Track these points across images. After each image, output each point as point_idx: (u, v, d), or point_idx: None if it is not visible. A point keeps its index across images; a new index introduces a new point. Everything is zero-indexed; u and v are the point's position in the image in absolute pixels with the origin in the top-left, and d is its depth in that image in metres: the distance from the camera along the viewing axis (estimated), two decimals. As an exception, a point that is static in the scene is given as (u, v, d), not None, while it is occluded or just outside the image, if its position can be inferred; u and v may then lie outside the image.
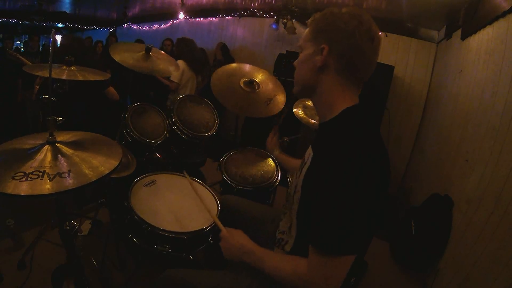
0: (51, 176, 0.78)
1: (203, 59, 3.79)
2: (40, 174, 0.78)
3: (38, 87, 2.28)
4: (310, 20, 0.83)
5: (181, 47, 3.35)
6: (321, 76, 0.79)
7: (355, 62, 0.76)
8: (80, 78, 1.49)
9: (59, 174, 0.80)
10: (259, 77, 1.94)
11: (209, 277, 0.94)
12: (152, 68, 1.84)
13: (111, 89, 2.34)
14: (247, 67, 2.02)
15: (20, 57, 2.40)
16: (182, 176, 1.54)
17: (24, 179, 0.76)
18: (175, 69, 2.00)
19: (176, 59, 3.30)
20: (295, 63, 0.87)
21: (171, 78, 3.20)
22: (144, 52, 1.87)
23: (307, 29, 0.83)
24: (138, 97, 2.83)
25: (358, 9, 0.77)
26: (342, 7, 0.77)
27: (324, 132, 0.83)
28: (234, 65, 2.10)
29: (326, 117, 0.82)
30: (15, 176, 0.76)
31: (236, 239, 0.90)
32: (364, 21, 0.75)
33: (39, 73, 1.57)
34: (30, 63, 2.31)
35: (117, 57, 1.76)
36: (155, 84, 3.42)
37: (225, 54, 4.20)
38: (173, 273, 0.96)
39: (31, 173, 0.78)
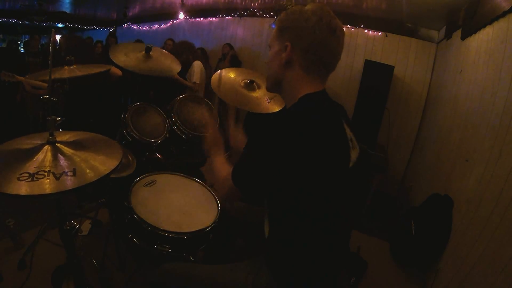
0: (51, 176, 0.78)
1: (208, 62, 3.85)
2: (40, 174, 0.78)
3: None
4: (277, 19, 0.88)
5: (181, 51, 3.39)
6: (287, 71, 0.85)
7: (318, 55, 0.81)
8: (79, 74, 1.50)
9: (59, 174, 0.80)
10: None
11: (206, 269, 0.96)
12: (154, 69, 1.84)
13: (113, 68, 2.33)
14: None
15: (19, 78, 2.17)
16: (182, 176, 1.55)
17: (25, 179, 0.76)
18: (176, 68, 1.99)
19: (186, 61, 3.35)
20: (266, 61, 0.93)
21: (193, 80, 3.24)
22: (144, 52, 1.87)
23: (275, 28, 0.89)
24: (138, 97, 2.86)
25: (320, 4, 0.82)
26: (307, 4, 0.83)
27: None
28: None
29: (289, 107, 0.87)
30: (20, 177, 0.76)
31: (219, 142, 1.09)
32: (324, 16, 0.79)
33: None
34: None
35: (118, 61, 1.75)
36: (155, 84, 3.43)
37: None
38: (170, 266, 0.99)
39: (32, 174, 0.78)
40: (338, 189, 0.81)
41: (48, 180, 0.77)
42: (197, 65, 3.35)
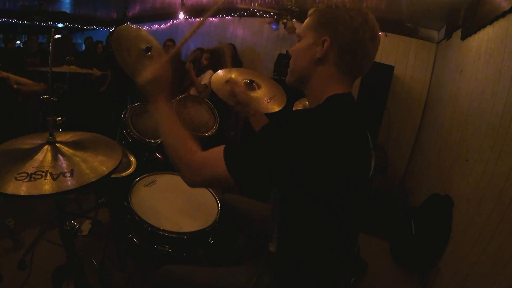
0: (51, 177, 0.78)
1: None
2: (40, 174, 0.78)
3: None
4: (312, 10, 0.82)
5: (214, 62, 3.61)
6: (318, 67, 0.79)
7: (355, 57, 0.76)
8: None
9: (59, 174, 0.79)
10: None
11: (207, 272, 0.95)
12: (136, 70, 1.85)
13: (94, 69, 2.39)
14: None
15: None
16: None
17: (22, 179, 0.76)
18: None
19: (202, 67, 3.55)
20: (291, 50, 0.86)
21: (203, 82, 3.33)
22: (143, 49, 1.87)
23: (309, 18, 0.82)
24: (139, 96, 2.87)
25: (364, 6, 0.78)
26: (346, 3, 0.77)
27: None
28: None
29: (313, 106, 0.82)
30: (17, 177, 0.76)
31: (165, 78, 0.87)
32: (369, 19, 0.76)
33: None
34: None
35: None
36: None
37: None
38: (172, 268, 0.98)
39: (30, 174, 0.78)
40: (356, 198, 0.77)
41: (46, 180, 0.77)
42: (211, 73, 3.42)
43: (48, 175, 0.78)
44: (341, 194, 0.72)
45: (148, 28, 6.23)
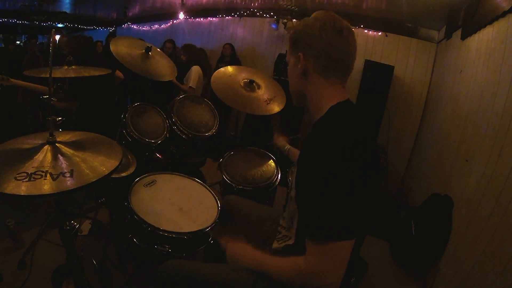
0: (51, 177, 0.78)
1: (208, 63, 3.88)
2: (40, 174, 0.78)
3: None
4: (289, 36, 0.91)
5: (191, 54, 3.54)
6: (306, 81, 0.86)
7: (331, 58, 0.82)
8: (86, 74, 1.53)
9: (59, 175, 0.80)
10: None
11: (209, 267, 0.97)
12: (149, 70, 1.85)
13: (117, 71, 2.43)
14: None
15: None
16: (182, 176, 1.55)
17: (23, 179, 0.76)
18: (171, 75, 1.99)
19: (185, 64, 3.46)
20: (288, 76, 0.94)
21: (189, 84, 3.29)
22: (143, 52, 1.88)
23: (288, 45, 0.91)
24: (137, 94, 2.85)
25: (322, 11, 0.84)
26: (306, 18, 0.85)
27: (314, 131, 0.87)
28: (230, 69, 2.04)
29: (316, 118, 0.87)
30: (17, 177, 0.76)
31: (238, 250, 0.95)
32: (327, 19, 0.81)
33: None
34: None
35: (118, 53, 1.76)
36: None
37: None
38: (174, 263, 0.99)
39: (30, 174, 0.78)
40: (371, 199, 0.79)
41: (46, 180, 0.77)
42: (195, 70, 3.37)
43: (48, 175, 0.78)
44: (362, 196, 0.74)
45: (148, 28, 6.24)
